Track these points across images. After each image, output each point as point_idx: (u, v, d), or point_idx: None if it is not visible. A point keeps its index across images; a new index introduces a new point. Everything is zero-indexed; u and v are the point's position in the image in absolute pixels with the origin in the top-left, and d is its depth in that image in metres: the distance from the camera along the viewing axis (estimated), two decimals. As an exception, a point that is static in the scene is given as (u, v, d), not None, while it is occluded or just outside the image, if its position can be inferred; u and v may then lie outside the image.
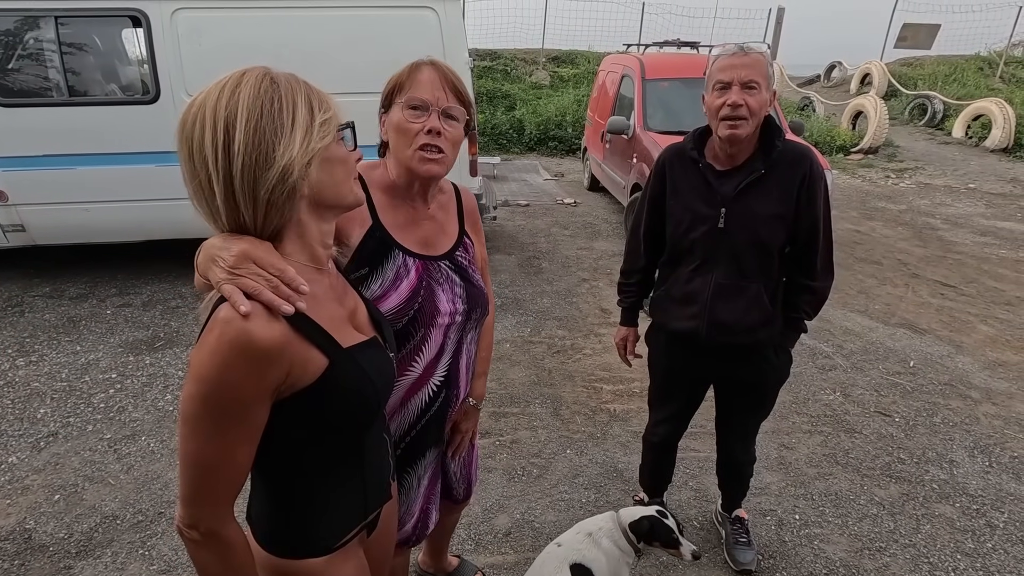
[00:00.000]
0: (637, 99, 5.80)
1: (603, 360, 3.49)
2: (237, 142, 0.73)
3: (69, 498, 2.33)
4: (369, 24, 4.06)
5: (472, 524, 2.24)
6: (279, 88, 0.76)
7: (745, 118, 1.51)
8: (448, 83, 1.14)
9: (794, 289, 1.72)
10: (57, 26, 3.88)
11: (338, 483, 0.91)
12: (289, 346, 0.76)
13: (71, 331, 3.73)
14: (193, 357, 0.74)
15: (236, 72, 0.77)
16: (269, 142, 0.74)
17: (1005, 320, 4.16)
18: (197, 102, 0.75)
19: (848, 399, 3.15)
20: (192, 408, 0.74)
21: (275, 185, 0.75)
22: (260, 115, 0.74)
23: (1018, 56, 14.27)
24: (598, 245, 5.67)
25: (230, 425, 0.75)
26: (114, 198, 4.18)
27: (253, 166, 0.74)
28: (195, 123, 0.74)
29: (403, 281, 1.16)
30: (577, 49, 14.25)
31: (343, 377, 0.82)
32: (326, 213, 0.85)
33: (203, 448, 0.75)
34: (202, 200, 0.78)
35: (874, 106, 10.37)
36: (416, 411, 1.25)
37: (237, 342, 0.71)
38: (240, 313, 0.71)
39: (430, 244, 1.23)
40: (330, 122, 0.79)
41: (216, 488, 0.78)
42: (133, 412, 2.91)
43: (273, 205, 0.76)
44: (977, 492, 2.47)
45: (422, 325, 1.19)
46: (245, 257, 0.75)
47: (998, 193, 8.20)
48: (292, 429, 0.82)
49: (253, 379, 0.74)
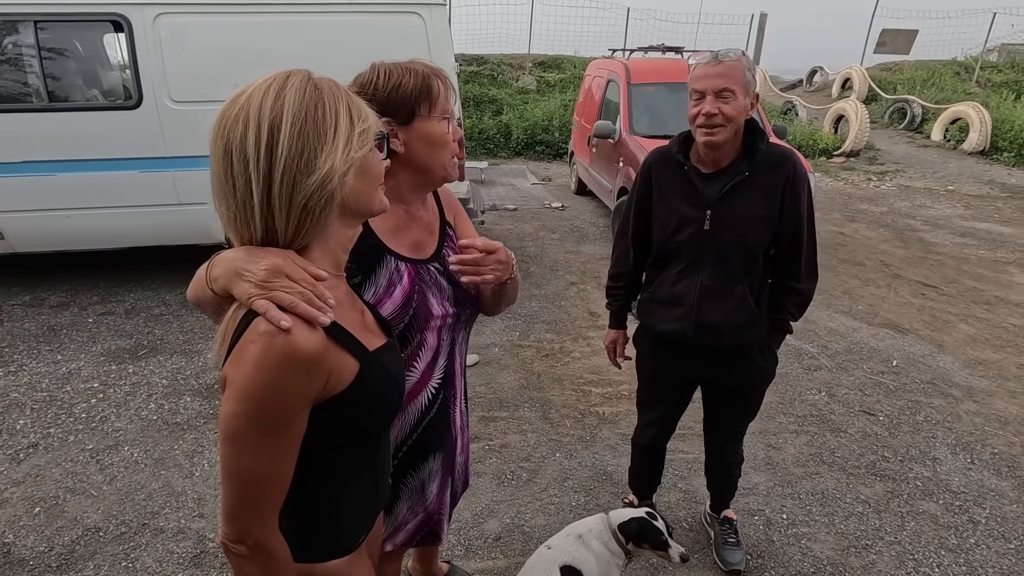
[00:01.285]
0: (623, 103, 5.84)
1: (592, 363, 3.50)
2: (281, 145, 0.72)
3: (50, 510, 2.28)
4: (354, 29, 4.05)
5: (462, 529, 2.23)
6: (323, 94, 0.76)
7: (721, 125, 1.54)
8: (451, 87, 1.18)
9: (779, 290, 1.75)
10: (36, 31, 3.83)
11: (358, 484, 0.93)
12: (328, 352, 0.76)
13: (52, 340, 3.67)
14: (235, 374, 0.72)
15: (280, 74, 0.76)
16: (313, 148, 0.74)
17: (984, 319, 4.24)
18: (240, 100, 0.74)
19: (833, 399, 3.19)
20: (238, 425, 0.73)
21: (314, 192, 0.74)
22: (305, 120, 0.73)
23: (993, 61, 14.62)
24: (586, 249, 5.69)
25: (277, 438, 0.75)
26: (96, 205, 4.11)
27: (295, 171, 0.73)
28: (238, 121, 0.73)
29: (396, 287, 1.16)
30: (563, 54, 14.35)
31: (372, 380, 0.84)
32: (353, 220, 0.85)
33: (251, 464, 0.75)
34: (232, 201, 0.75)
35: (855, 110, 10.54)
36: (416, 415, 1.25)
37: (285, 354, 0.71)
38: (282, 328, 0.71)
39: (420, 247, 1.24)
40: (368, 132, 0.80)
41: (263, 502, 0.78)
42: (116, 422, 2.86)
43: (309, 212, 0.76)
44: (960, 489, 2.51)
45: (418, 330, 1.19)
46: (277, 271, 0.74)
47: (976, 195, 8.37)
48: (323, 434, 0.82)
49: (300, 388, 0.74)
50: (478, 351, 3.59)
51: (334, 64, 1.24)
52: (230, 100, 0.75)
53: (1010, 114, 10.56)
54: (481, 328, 3.91)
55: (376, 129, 0.82)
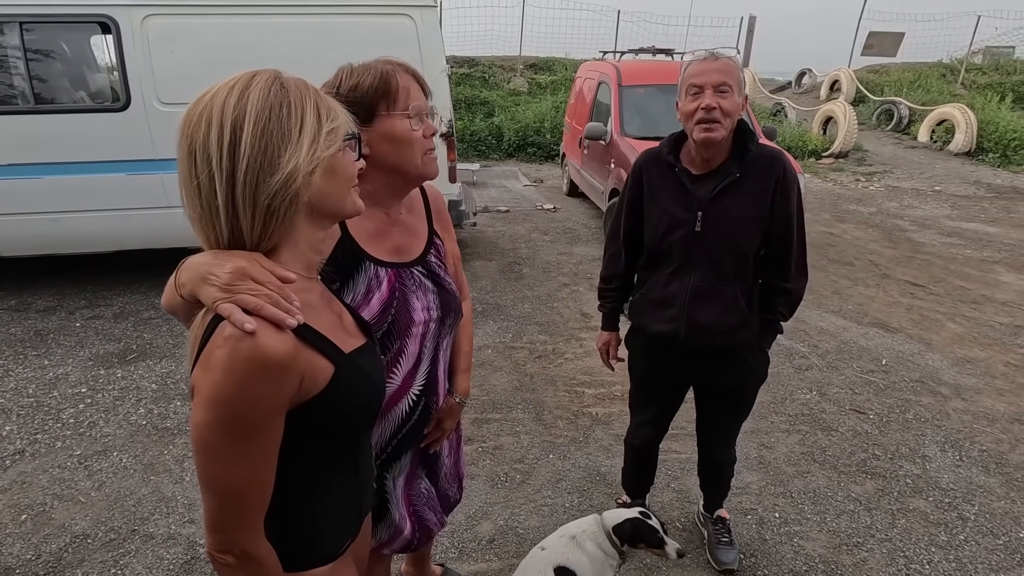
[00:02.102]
0: (614, 105, 5.86)
1: (584, 364, 3.51)
2: (243, 144, 0.71)
3: (37, 518, 2.25)
4: (344, 31, 4.04)
5: (455, 531, 2.22)
6: (289, 93, 0.75)
7: (719, 121, 1.53)
8: (422, 84, 1.14)
9: (769, 291, 1.75)
10: (22, 32, 3.78)
11: (340, 489, 0.92)
12: (299, 355, 0.75)
13: (38, 345, 3.62)
14: (201, 381, 0.71)
15: (246, 73, 0.76)
16: (276, 147, 0.73)
17: (972, 318, 4.29)
18: (204, 100, 0.74)
19: (824, 398, 3.22)
20: (211, 434, 0.71)
21: (277, 191, 0.73)
22: (269, 119, 0.73)
23: (978, 63, 14.83)
24: (578, 250, 5.70)
25: (253, 444, 0.73)
26: (83, 208, 4.07)
27: (257, 170, 0.72)
28: (201, 120, 0.72)
29: (375, 294, 1.14)
30: (554, 56, 14.39)
31: (348, 382, 0.82)
32: (323, 221, 0.84)
33: (229, 473, 0.73)
34: (197, 201, 0.75)
35: (843, 112, 10.65)
36: (396, 421, 1.24)
37: (251, 358, 0.69)
38: (246, 331, 0.69)
39: (402, 251, 1.22)
40: (337, 131, 0.78)
41: (246, 509, 0.76)
42: (104, 427, 2.83)
43: (273, 212, 0.75)
44: (949, 486, 2.53)
45: (397, 336, 1.17)
46: (241, 274, 0.73)
47: (962, 195, 8.48)
48: (300, 438, 0.81)
49: (271, 393, 0.72)
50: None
51: (324, 66, 1.23)
52: (195, 100, 0.75)
53: (995, 116, 10.72)
54: (473, 330, 3.90)
55: (347, 129, 0.80)
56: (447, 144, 4.42)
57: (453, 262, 1.35)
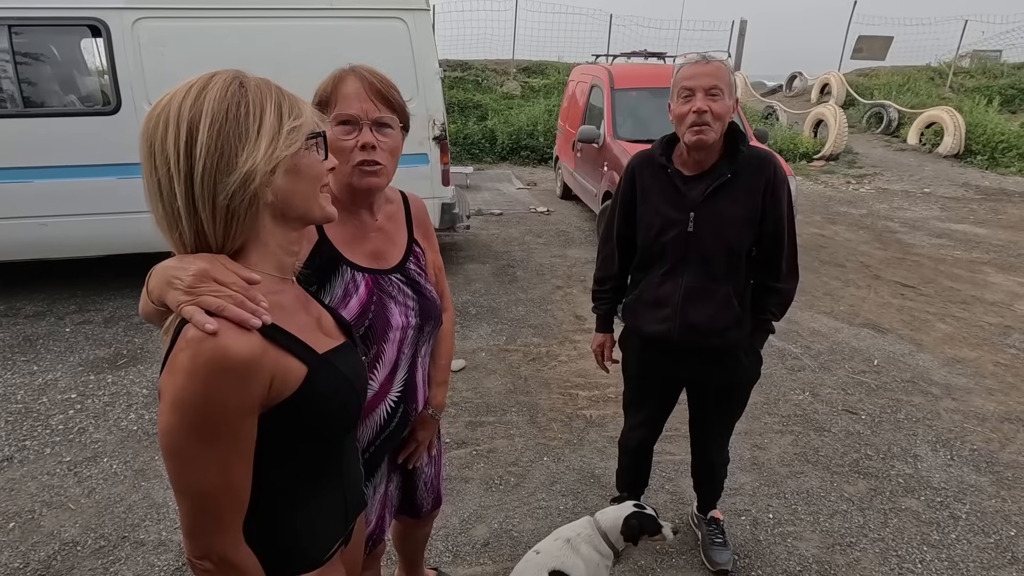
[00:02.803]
0: (606, 108, 5.89)
1: (578, 366, 3.51)
2: (200, 144, 0.71)
3: (25, 525, 2.22)
4: (338, 34, 4.03)
5: (450, 535, 2.21)
6: (247, 92, 0.74)
7: (709, 124, 1.55)
8: (375, 92, 1.09)
9: (761, 291, 1.76)
10: (11, 35, 3.76)
11: (323, 493, 0.90)
12: (267, 355, 0.74)
13: (27, 350, 3.58)
14: (166, 385, 0.70)
15: (206, 74, 0.75)
16: (232, 146, 0.72)
17: (961, 318, 4.33)
18: (163, 101, 0.73)
19: (817, 398, 3.23)
20: (178, 439, 0.70)
21: (235, 191, 0.72)
22: (225, 118, 0.72)
23: (965, 67, 15.01)
24: (571, 252, 5.71)
25: (223, 447, 0.72)
26: (73, 212, 4.04)
27: (214, 170, 0.71)
28: (159, 121, 0.72)
29: (352, 298, 1.13)
30: (547, 60, 14.45)
31: (323, 383, 0.81)
32: (292, 223, 0.83)
33: (200, 478, 0.72)
34: (159, 203, 0.75)
35: (834, 115, 10.74)
36: (375, 428, 1.23)
37: (214, 359, 0.68)
38: (207, 332, 0.68)
39: (380, 257, 1.20)
40: (299, 130, 0.77)
41: (222, 515, 0.75)
42: (94, 433, 2.80)
43: (234, 213, 0.74)
44: (940, 485, 2.55)
45: (375, 341, 1.16)
46: (204, 276, 0.72)
47: (951, 197, 8.56)
48: (277, 442, 0.79)
49: (237, 394, 0.71)
50: (464, 356, 3.58)
51: (316, 69, 1.23)
52: (155, 102, 0.74)
53: (983, 118, 10.84)
54: (467, 333, 3.90)
55: (311, 128, 0.79)
56: (440, 147, 4.41)
57: (435, 272, 1.34)
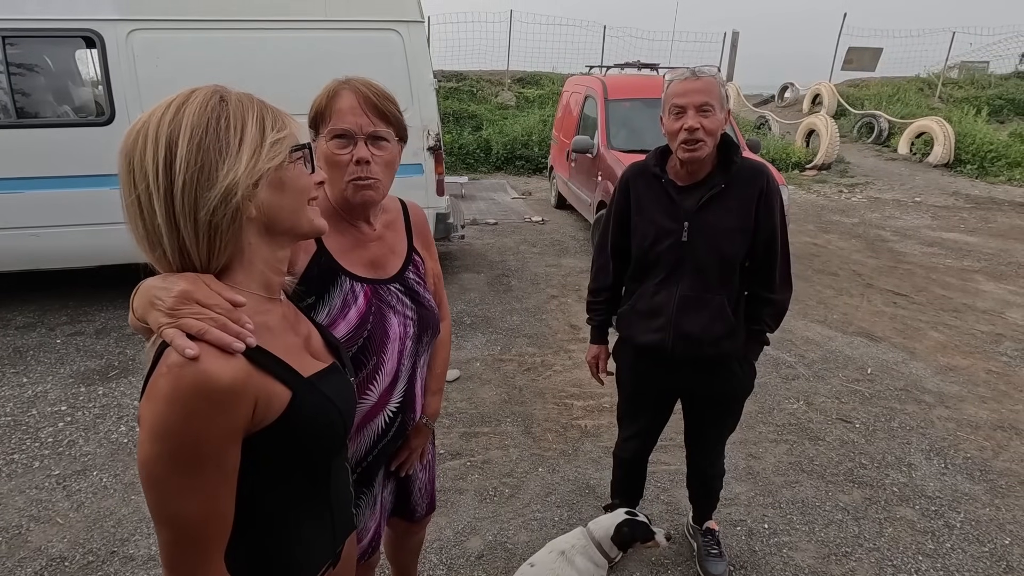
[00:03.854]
0: (600, 119, 5.93)
1: (573, 376, 3.50)
2: (179, 159, 0.69)
3: (12, 540, 2.19)
4: (332, 45, 4.05)
5: (444, 547, 2.19)
6: (228, 106, 0.73)
7: (702, 140, 1.57)
8: (370, 105, 1.09)
9: (755, 302, 1.77)
10: (4, 46, 3.76)
11: (310, 518, 0.88)
12: (251, 380, 0.71)
13: (17, 362, 3.55)
14: (146, 412, 0.67)
15: (186, 90, 0.74)
16: (212, 161, 0.70)
17: (953, 326, 4.36)
18: (142, 119, 0.72)
19: (811, 407, 3.24)
20: (159, 469, 0.67)
21: (216, 206, 0.71)
22: (204, 133, 0.71)
23: (954, 78, 15.23)
24: (566, 262, 5.72)
25: (206, 476, 0.69)
26: (66, 222, 4.02)
27: (195, 185, 0.70)
28: (137, 138, 0.71)
29: (351, 308, 1.13)
30: (541, 70, 14.55)
31: (308, 407, 0.79)
32: (280, 239, 0.81)
33: (182, 508, 0.69)
34: (139, 221, 0.73)
35: (825, 125, 10.86)
36: (372, 437, 1.22)
37: (196, 385, 0.66)
38: (188, 357, 0.66)
39: (379, 266, 1.20)
40: (283, 142, 0.75)
41: (204, 545, 0.72)
42: (84, 446, 2.77)
43: (216, 229, 0.72)
44: (935, 494, 2.55)
45: (374, 352, 1.15)
46: (187, 297, 0.70)
47: (942, 206, 8.65)
48: (261, 467, 0.77)
49: (220, 422, 0.68)
50: (459, 366, 3.57)
51: (311, 81, 1.23)
52: (136, 119, 0.73)
53: (971, 128, 10.99)
54: (462, 343, 3.89)
55: (295, 140, 0.78)
56: (435, 158, 4.43)
57: (434, 281, 1.34)
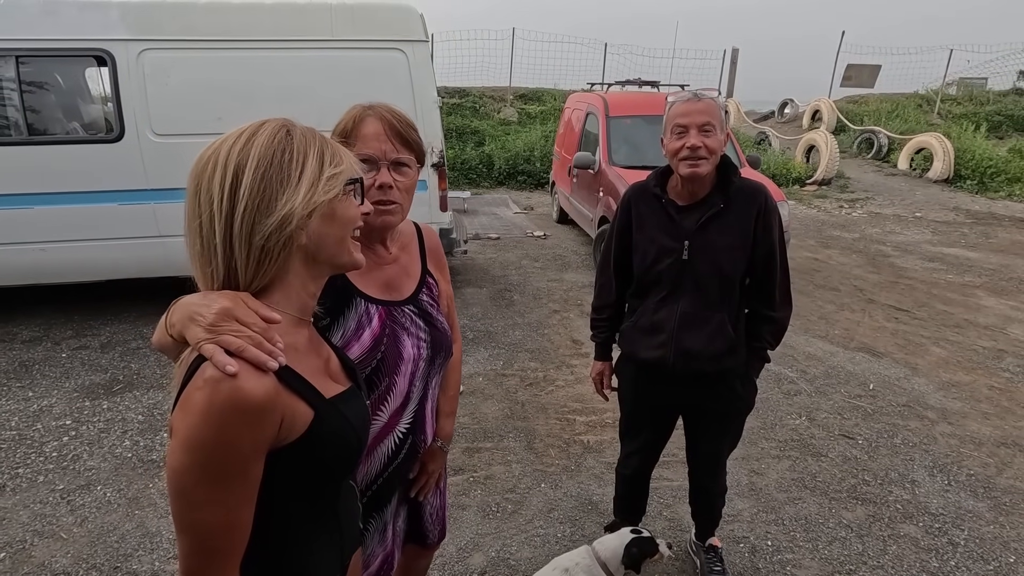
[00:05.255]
0: (602, 135, 6.00)
1: (576, 391, 3.51)
2: (244, 187, 0.74)
3: (16, 555, 2.19)
4: (339, 65, 4.12)
5: (447, 564, 2.19)
6: (292, 140, 0.78)
7: (705, 158, 1.61)
8: (394, 132, 1.13)
9: (756, 319, 1.79)
10: (18, 65, 3.83)
11: (322, 535, 0.90)
12: (279, 398, 0.75)
13: (23, 376, 3.57)
14: (180, 423, 0.70)
15: (256, 122, 0.79)
16: (274, 190, 0.76)
17: (955, 342, 4.36)
18: (215, 145, 0.78)
19: (813, 423, 3.23)
20: (189, 479, 0.70)
21: (272, 232, 0.75)
22: (270, 163, 0.76)
23: (952, 94, 15.35)
24: (568, 277, 5.75)
25: (231, 488, 0.73)
26: (73, 237, 4.07)
27: (255, 211, 0.75)
28: (208, 163, 0.76)
29: (365, 330, 1.14)
30: (543, 87, 14.71)
31: (328, 428, 0.82)
32: (320, 267, 0.85)
33: (206, 518, 0.72)
34: (197, 238, 0.77)
35: (825, 140, 10.94)
36: (383, 459, 1.22)
37: (231, 400, 0.69)
38: (227, 374, 0.69)
39: (393, 288, 1.22)
40: (338, 177, 0.81)
41: (224, 554, 0.75)
42: (88, 460, 2.78)
43: (268, 253, 0.77)
44: (938, 511, 2.54)
45: (386, 374, 1.16)
46: (227, 314, 0.74)
47: (942, 221, 8.68)
48: (279, 483, 0.80)
49: (250, 436, 0.72)
50: (462, 381, 3.57)
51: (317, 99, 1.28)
52: (208, 145, 0.78)
53: (971, 144, 11.06)
54: (464, 358, 3.90)
55: (350, 174, 0.83)
56: (438, 174, 4.48)
57: (447, 302, 1.36)
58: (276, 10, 4.08)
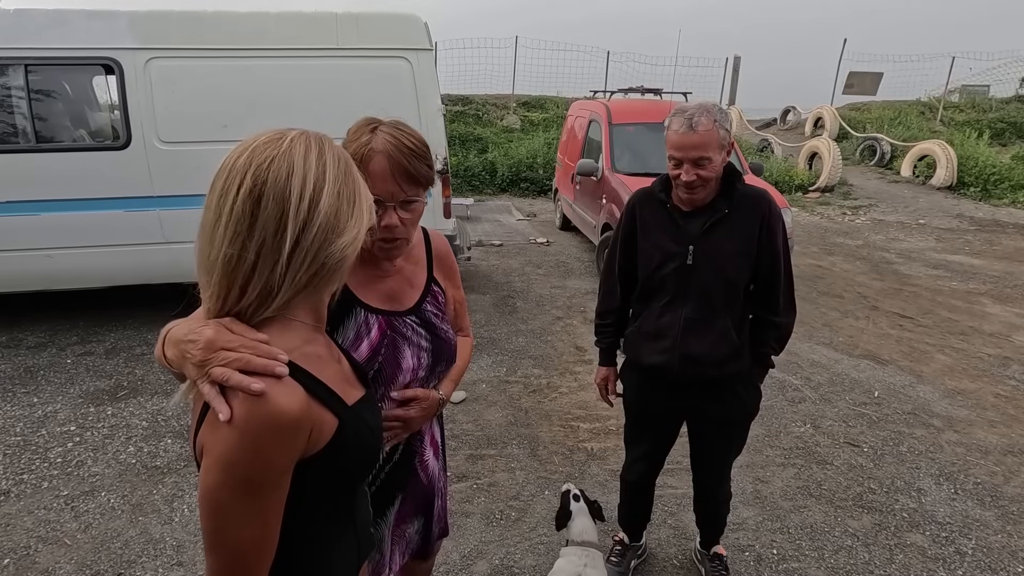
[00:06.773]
0: (604, 142, 6.01)
1: (579, 398, 3.50)
2: (323, 202, 0.73)
3: (20, 562, 2.19)
4: (342, 73, 4.16)
5: (451, 571, 2.18)
6: (350, 163, 0.80)
7: (701, 186, 1.63)
8: (400, 172, 1.07)
9: (760, 326, 1.79)
10: (26, 73, 3.87)
11: (339, 541, 0.91)
12: (309, 410, 0.75)
13: (28, 382, 3.58)
14: (212, 442, 0.70)
15: (297, 131, 0.77)
16: (346, 211, 0.76)
17: (960, 349, 4.34)
18: (282, 148, 0.73)
19: (818, 431, 3.22)
20: (223, 496, 0.70)
21: (335, 251, 0.76)
22: (344, 183, 0.77)
23: (955, 101, 15.37)
24: (571, 283, 5.75)
25: (265, 503, 0.73)
26: (79, 244, 4.09)
27: (327, 229, 0.74)
28: (280, 167, 0.72)
29: (363, 340, 1.14)
30: (546, 94, 14.76)
31: (351, 435, 0.82)
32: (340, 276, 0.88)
33: (240, 534, 0.72)
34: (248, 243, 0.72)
35: (827, 147, 10.94)
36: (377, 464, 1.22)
37: (267, 416, 0.69)
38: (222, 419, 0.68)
39: (395, 299, 1.21)
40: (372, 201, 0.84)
41: (256, 567, 0.75)
42: (93, 466, 2.78)
43: (325, 269, 0.77)
44: (945, 520, 2.52)
45: (383, 383, 1.16)
46: (211, 347, 0.72)
47: (946, 228, 8.66)
48: (302, 493, 0.80)
49: (284, 450, 0.72)
50: (464, 388, 3.58)
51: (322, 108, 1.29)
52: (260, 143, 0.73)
53: (974, 151, 11.05)
54: (468, 364, 3.90)
55: None
56: (442, 181, 4.50)
57: (455, 307, 1.35)
58: (282, 19, 4.12)
